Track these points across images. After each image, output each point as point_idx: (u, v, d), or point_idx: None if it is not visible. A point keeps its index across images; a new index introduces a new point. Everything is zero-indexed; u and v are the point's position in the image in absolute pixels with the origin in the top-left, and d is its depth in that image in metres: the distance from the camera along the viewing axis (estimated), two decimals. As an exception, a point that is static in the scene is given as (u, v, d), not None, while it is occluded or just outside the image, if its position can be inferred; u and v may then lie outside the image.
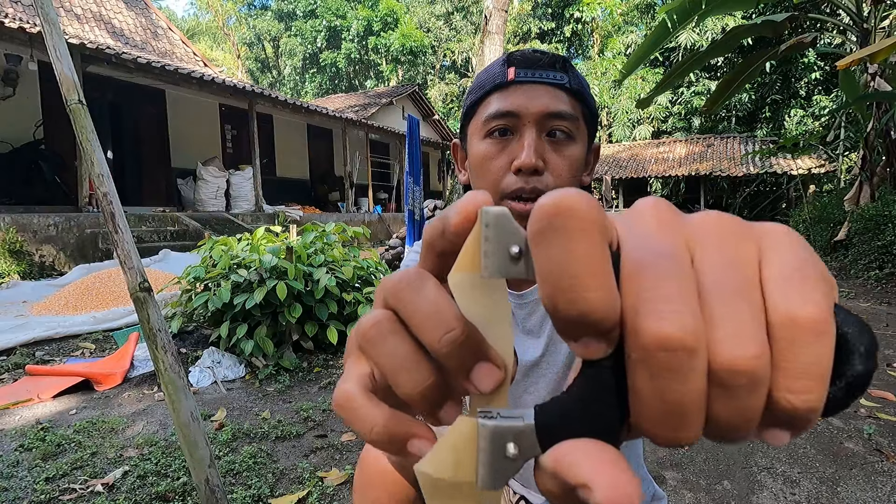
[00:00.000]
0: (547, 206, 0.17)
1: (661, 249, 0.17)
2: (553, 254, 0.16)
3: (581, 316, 0.16)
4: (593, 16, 22.91)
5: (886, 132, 6.13)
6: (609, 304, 0.16)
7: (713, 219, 0.18)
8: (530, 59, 0.68)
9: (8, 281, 5.30)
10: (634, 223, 0.18)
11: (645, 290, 0.16)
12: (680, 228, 0.18)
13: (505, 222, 0.19)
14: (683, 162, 16.39)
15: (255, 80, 30.93)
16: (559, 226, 0.16)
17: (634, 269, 0.16)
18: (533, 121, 0.66)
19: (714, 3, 5.94)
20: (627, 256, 0.17)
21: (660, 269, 0.16)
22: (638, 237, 0.17)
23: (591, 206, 0.17)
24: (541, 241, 0.17)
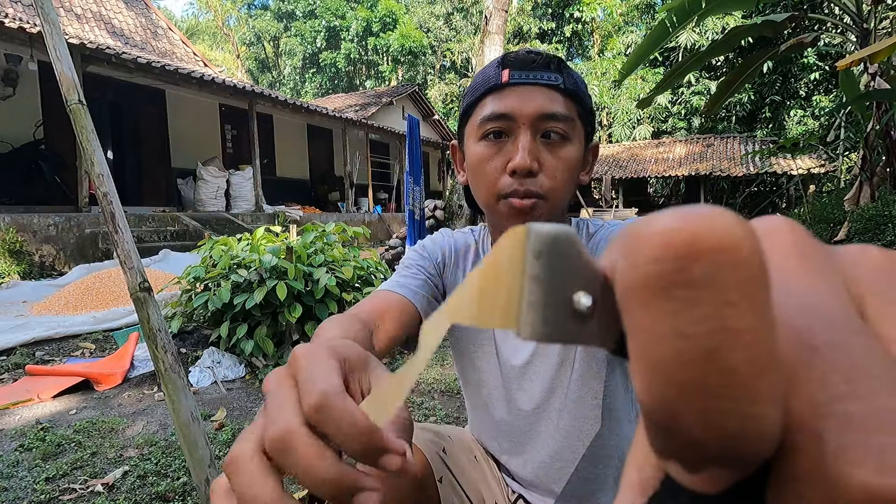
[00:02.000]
0: (678, 235, 0.10)
1: (831, 312, 0.10)
2: (685, 331, 0.10)
3: (725, 443, 0.10)
4: (593, 16, 22.91)
5: (886, 132, 6.13)
6: (778, 423, 0.10)
7: (880, 260, 0.12)
8: (524, 60, 0.68)
9: (8, 281, 5.30)
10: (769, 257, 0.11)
11: (835, 401, 0.09)
12: (838, 272, 0.12)
13: (569, 252, 0.13)
14: (683, 162, 16.39)
15: (255, 80, 30.93)
16: (703, 279, 0.10)
17: (800, 349, 0.10)
18: (527, 122, 0.67)
19: (714, 2, 5.94)
20: (780, 319, 0.10)
21: (849, 355, 0.10)
22: (781, 284, 0.11)
23: (752, 234, 0.10)
24: (657, 302, 0.10)
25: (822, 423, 0.09)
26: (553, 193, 0.68)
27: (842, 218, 6.88)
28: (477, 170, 0.71)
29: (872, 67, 5.69)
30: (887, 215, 5.60)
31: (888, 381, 0.10)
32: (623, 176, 16.44)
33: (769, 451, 0.10)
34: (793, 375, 0.10)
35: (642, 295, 0.10)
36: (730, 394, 0.09)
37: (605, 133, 23.25)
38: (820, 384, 0.10)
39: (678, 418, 0.10)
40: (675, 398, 0.10)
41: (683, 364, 0.10)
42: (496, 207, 0.70)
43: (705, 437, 0.10)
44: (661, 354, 0.10)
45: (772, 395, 0.10)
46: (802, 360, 0.10)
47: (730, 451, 0.10)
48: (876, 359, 0.10)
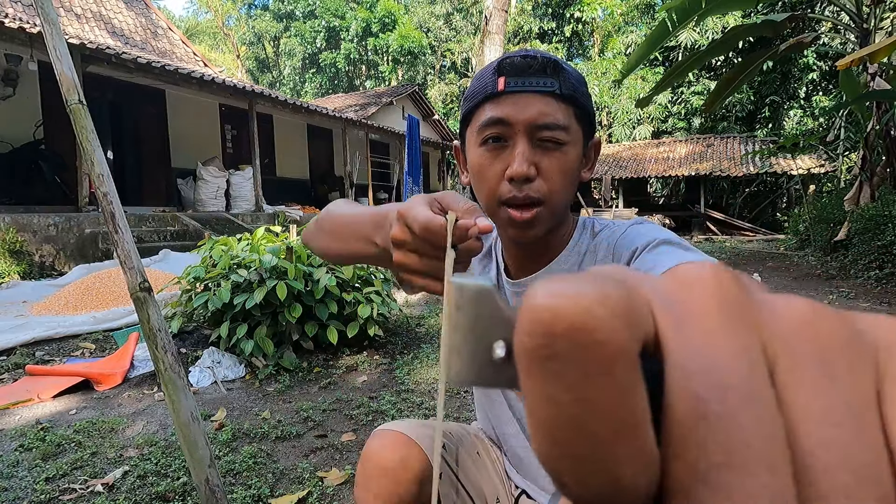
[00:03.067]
0: (543, 314, 0.11)
1: (733, 378, 0.11)
2: (555, 400, 0.11)
3: (598, 498, 0.11)
4: (593, 16, 22.91)
5: (886, 132, 6.13)
6: (644, 481, 0.11)
7: (802, 314, 0.12)
8: (520, 66, 0.68)
9: (8, 281, 5.30)
10: (685, 312, 0.12)
11: (710, 470, 0.10)
12: (755, 325, 0.12)
13: (487, 304, 0.14)
14: (683, 162, 16.39)
15: (255, 80, 30.92)
16: (565, 354, 0.11)
17: (691, 417, 0.11)
18: (523, 130, 0.68)
19: (714, 2, 5.94)
20: (679, 386, 0.11)
21: (734, 425, 0.10)
22: (692, 344, 0.11)
23: (613, 315, 0.11)
24: (533, 373, 0.11)
25: (697, 490, 0.10)
26: (552, 197, 0.69)
27: (842, 218, 6.88)
28: (477, 175, 0.72)
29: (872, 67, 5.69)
30: (887, 215, 5.60)
31: (766, 455, 0.10)
32: (623, 176, 16.44)
33: (646, 498, 0.11)
34: (681, 441, 0.11)
35: (522, 362, 0.11)
36: (593, 456, 0.11)
37: (605, 133, 23.24)
38: (702, 453, 0.10)
39: (559, 473, 0.11)
40: (554, 457, 0.11)
41: (556, 427, 0.11)
42: (497, 213, 0.71)
43: (580, 492, 0.11)
44: (540, 416, 0.11)
45: (632, 458, 0.10)
46: (691, 427, 0.11)
47: (606, 501, 0.11)
48: (762, 432, 0.10)
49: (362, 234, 0.57)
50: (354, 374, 2.86)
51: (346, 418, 2.27)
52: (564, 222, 0.76)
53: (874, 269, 5.63)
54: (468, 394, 2.54)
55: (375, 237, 0.53)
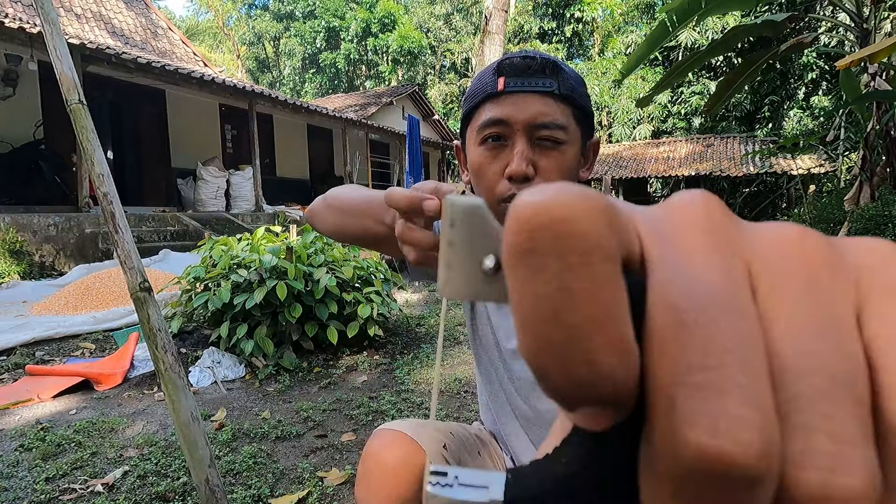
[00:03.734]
0: (526, 210, 0.11)
1: (714, 291, 0.11)
2: (537, 291, 0.11)
3: (580, 387, 0.11)
4: (594, 16, 22.91)
5: (886, 132, 6.13)
6: (624, 371, 0.11)
7: (786, 235, 0.13)
8: (519, 67, 0.69)
9: (8, 281, 5.30)
10: (672, 232, 0.12)
11: (688, 372, 0.11)
12: (739, 247, 0.12)
13: (478, 220, 0.14)
14: (683, 162, 16.39)
15: (255, 80, 30.91)
16: (546, 247, 0.11)
17: (671, 324, 0.11)
18: (522, 129, 0.69)
19: (714, 3, 5.94)
20: (659, 296, 0.11)
21: (713, 331, 0.11)
22: (676, 260, 0.12)
23: (593, 210, 0.11)
24: (518, 267, 0.12)
25: (675, 390, 0.11)
26: None
27: (842, 218, 6.88)
28: (477, 174, 0.73)
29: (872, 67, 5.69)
30: (887, 215, 5.60)
31: (740, 356, 0.10)
32: (623, 176, 16.44)
33: (626, 393, 0.11)
34: (661, 345, 0.11)
35: (508, 261, 0.12)
36: (572, 345, 0.11)
37: (605, 133, 23.25)
38: (680, 355, 0.11)
39: (543, 367, 0.11)
40: (538, 351, 0.11)
41: (539, 321, 0.11)
42: (497, 211, 0.72)
43: (564, 383, 0.11)
44: (524, 312, 0.11)
45: (610, 347, 0.11)
46: (671, 333, 0.11)
47: (586, 394, 0.11)
48: (739, 337, 0.11)
49: (374, 213, 0.61)
50: (354, 374, 2.86)
51: (346, 418, 2.27)
52: None
53: (874, 269, 5.63)
54: (468, 394, 2.54)
55: (386, 217, 0.59)
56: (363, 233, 0.64)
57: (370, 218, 0.62)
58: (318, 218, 0.75)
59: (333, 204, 0.71)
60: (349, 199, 0.69)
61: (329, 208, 0.72)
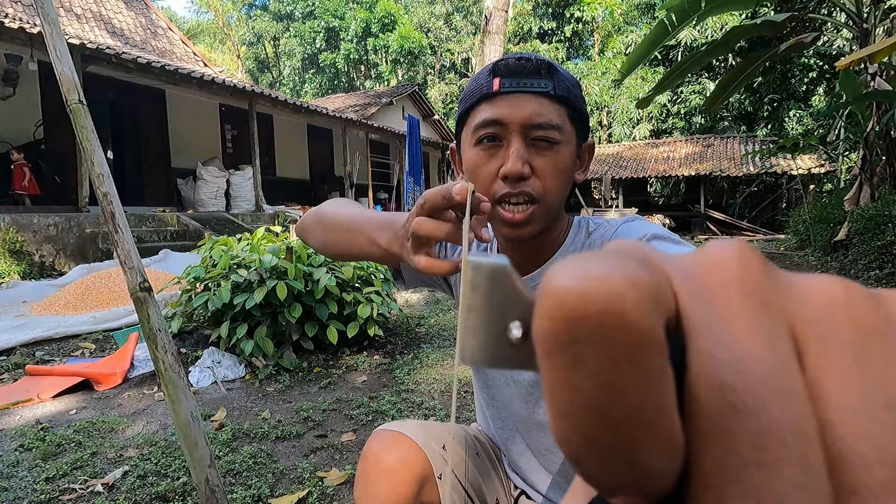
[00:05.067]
0: (566, 296, 0.10)
1: (762, 368, 0.10)
2: (579, 386, 0.10)
3: (622, 484, 0.11)
4: (594, 15, 22.91)
5: (886, 132, 6.13)
6: (669, 468, 0.10)
7: (831, 294, 0.11)
8: (514, 68, 0.70)
9: (8, 281, 5.30)
10: (709, 291, 0.11)
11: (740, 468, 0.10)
12: (782, 309, 0.11)
13: (503, 284, 0.13)
14: (683, 162, 16.39)
15: (255, 80, 30.91)
16: (590, 339, 0.10)
17: (718, 408, 0.10)
18: (518, 129, 0.69)
19: (714, 3, 5.94)
20: (703, 372, 0.10)
21: (765, 418, 0.10)
22: (718, 327, 0.11)
23: (642, 299, 0.10)
24: (555, 357, 0.11)
25: (725, 487, 0.10)
26: (546, 196, 0.70)
27: (842, 218, 6.87)
28: (472, 174, 0.73)
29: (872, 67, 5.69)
30: (887, 215, 5.60)
31: (800, 453, 0.10)
32: (623, 176, 16.44)
33: (667, 489, 0.11)
34: (709, 433, 0.10)
35: (543, 347, 0.11)
36: (617, 443, 0.10)
37: (605, 133, 23.25)
38: (732, 448, 0.10)
39: (579, 458, 0.11)
40: (575, 443, 0.11)
41: (578, 413, 0.10)
42: (492, 212, 0.72)
43: (604, 477, 0.11)
44: (561, 402, 0.11)
45: (658, 446, 0.10)
46: (720, 420, 0.10)
47: (626, 489, 0.11)
48: (795, 427, 0.10)
49: (367, 233, 0.61)
50: (354, 374, 2.86)
51: (346, 418, 2.27)
52: (559, 222, 0.77)
53: (874, 269, 5.63)
54: (469, 394, 2.54)
55: (380, 239, 0.58)
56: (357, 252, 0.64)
57: (363, 237, 0.61)
58: (308, 233, 0.74)
59: (324, 220, 0.69)
60: (341, 216, 0.67)
61: (320, 224, 0.70)
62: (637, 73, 18.93)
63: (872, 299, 0.12)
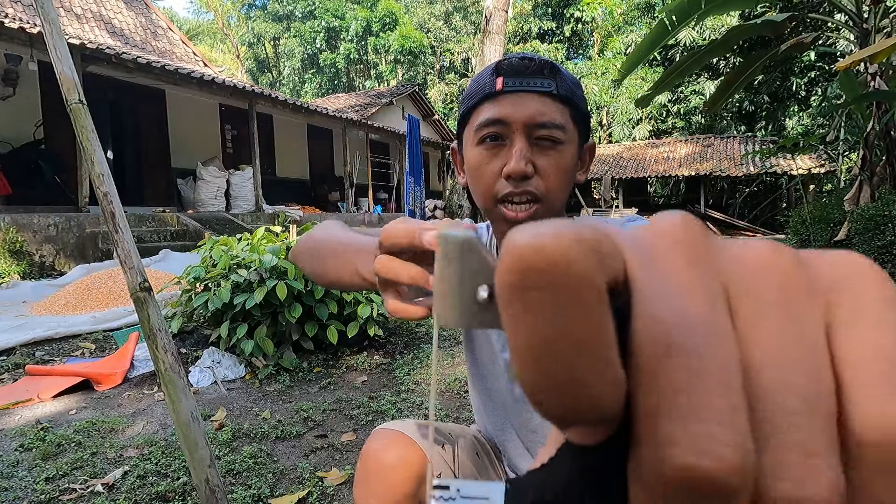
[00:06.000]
0: (522, 250, 0.12)
1: (695, 316, 0.12)
2: (532, 326, 0.12)
3: (571, 412, 0.12)
4: (593, 15, 22.91)
5: (886, 132, 6.13)
6: (613, 398, 0.12)
7: (760, 256, 0.13)
8: (517, 67, 0.70)
9: (8, 281, 5.30)
10: (654, 254, 0.13)
11: (672, 395, 0.11)
12: (718, 268, 0.13)
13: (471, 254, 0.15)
14: (683, 162, 16.40)
15: (255, 80, 30.92)
16: (540, 285, 0.12)
17: (655, 350, 0.12)
18: (521, 128, 0.68)
19: (714, 3, 5.94)
20: (643, 322, 0.12)
21: (694, 357, 0.12)
22: (659, 284, 0.13)
23: (586, 251, 0.12)
24: (513, 303, 0.12)
25: (659, 414, 0.11)
26: (549, 195, 0.70)
27: (842, 218, 6.87)
28: (475, 174, 0.73)
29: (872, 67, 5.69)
30: (887, 215, 5.60)
31: (720, 380, 0.11)
32: (623, 176, 16.45)
33: (614, 415, 0.12)
34: (648, 370, 0.12)
35: (503, 296, 0.12)
36: (565, 375, 0.12)
37: (604, 133, 23.25)
38: (666, 381, 0.12)
39: (537, 393, 0.12)
40: (532, 378, 0.12)
41: (533, 352, 0.12)
42: (494, 211, 0.72)
43: (557, 408, 0.12)
44: (519, 343, 0.12)
45: (600, 376, 0.12)
46: (658, 358, 0.12)
47: (578, 418, 0.12)
48: (720, 362, 0.12)
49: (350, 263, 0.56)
50: (354, 374, 2.86)
51: (346, 418, 2.27)
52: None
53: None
54: (468, 394, 2.54)
55: (363, 269, 0.52)
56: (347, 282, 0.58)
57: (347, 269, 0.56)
58: (300, 260, 0.71)
59: (314, 248, 0.65)
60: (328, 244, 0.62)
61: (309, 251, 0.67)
62: (637, 73, 18.93)
63: (798, 259, 0.13)
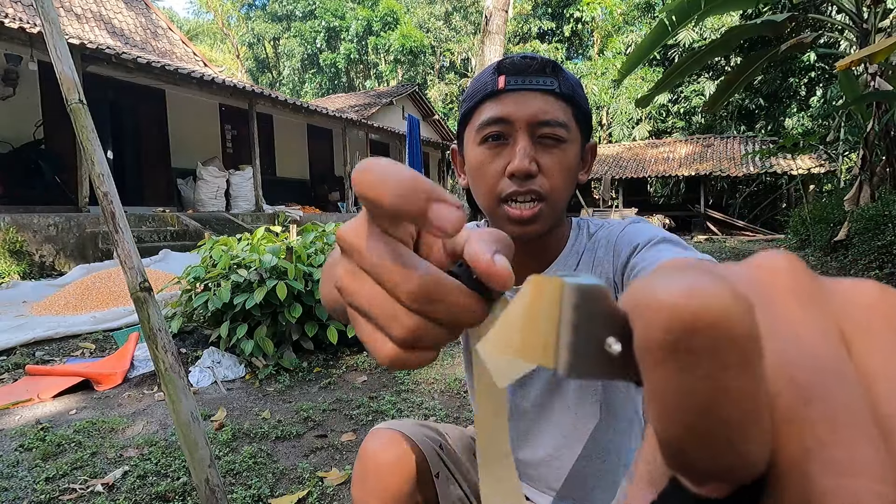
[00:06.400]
0: (676, 308, 0.12)
1: (824, 361, 0.12)
2: (690, 388, 0.12)
3: (723, 473, 0.12)
4: (593, 15, 22.91)
5: (886, 132, 6.13)
6: (764, 453, 0.12)
7: (871, 296, 0.13)
8: (520, 66, 0.69)
9: (8, 281, 5.30)
10: (766, 298, 0.13)
11: (821, 448, 0.11)
12: (830, 310, 0.13)
13: (600, 305, 0.15)
14: (683, 162, 16.39)
15: (255, 80, 30.92)
16: (703, 348, 0.12)
17: (794, 399, 0.12)
18: (524, 126, 0.68)
19: (713, 3, 5.94)
20: (778, 369, 0.12)
21: (834, 404, 0.11)
22: (781, 329, 0.12)
23: (747, 310, 0.12)
24: (666, 363, 0.12)
25: (809, 466, 0.11)
26: (553, 194, 0.69)
27: (842, 218, 6.87)
28: (477, 173, 0.72)
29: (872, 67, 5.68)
30: (887, 215, 5.60)
31: (866, 430, 0.11)
32: (623, 176, 16.44)
33: (758, 472, 0.12)
34: (788, 420, 0.12)
35: (655, 355, 0.12)
36: (724, 437, 0.12)
37: (604, 133, 23.25)
38: (810, 432, 0.11)
39: (684, 451, 0.12)
40: (682, 437, 0.12)
41: (687, 413, 0.12)
42: (497, 211, 0.71)
43: (705, 466, 0.12)
44: (670, 403, 0.12)
45: (758, 437, 0.12)
46: (797, 408, 0.12)
47: (725, 475, 0.12)
48: (857, 408, 0.11)
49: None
50: (354, 374, 2.86)
51: (346, 418, 2.27)
52: (562, 223, 0.76)
53: (874, 269, 5.63)
54: (467, 394, 2.54)
55: None
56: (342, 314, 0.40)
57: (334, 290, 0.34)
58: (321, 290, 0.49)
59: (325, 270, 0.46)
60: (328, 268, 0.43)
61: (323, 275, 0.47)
62: (637, 73, 18.93)
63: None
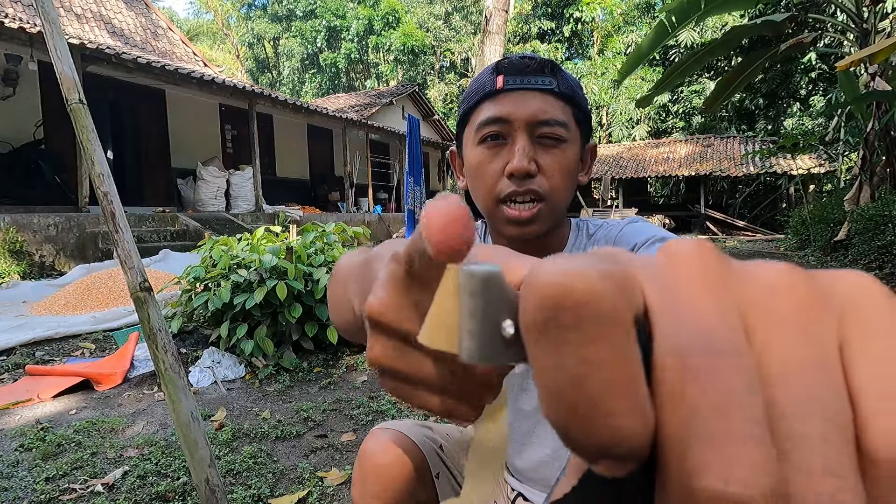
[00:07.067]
0: (548, 287, 0.12)
1: (714, 341, 0.12)
2: (560, 363, 0.12)
3: (602, 448, 0.12)
4: (593, 16, 22.91)
5: (886, 132, 6.13)
6: (642, 431, 0.12)
7: (775, 277, 0.14)
8: (518, 66, 0.69)
9: (8, 281, 5.30)
10: (671, 282, 0.13)
11: (699, 422, 0.12)
12: (734, 293, 0.13)
13: (496, 290, 0.15)
14: (683, 162, 16.40)
15: (255, 80, 30.92)
16: (569, 324, 0.12)
17: (679, 377, 0.12)
18: (523, 126, 0.68)
19: (713, 3, 5.94)
20: (665, 348, 0.12)
21: (718, 383, 0.12)
22: (678, 310, 0.13)
23: (612, 288, 0.12)
24: (541, 341, 0.13)
25: (688, 439, 0.11)
26: (553, 194, 0.69)
27: (842, 218, 6.87)
28: (476, 173, 0.72)
29: (872, 67, 5.68)
30: (887, 215, 5.60)
31: (746, 405, 0.11)
32: (623, 176, 16.44)
33: (643, 448, 0.12)
34: (672, 397, 0.12)
35: (531, 334, 0.13)
36: (596, 411, 0.12)
37: (604, 133, 23.25)
38: (692, 406, 0.12)
39: (566, 429, 0.12)
40: (562, 415, 0.12)
41: (562, 389, 0.12)
42: (495, 212, 0.71)
43: (587, 443, 0.12)
44: (548, 380, 0.12)
45: (630, 411, 0.12)
46: (680, 385, 0.12)
47: (607, 452, 0.12)
48: (742, 385, 0.12)
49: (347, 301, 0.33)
50: (354, 374, 2.86)
51: (346, 418, 2.27)
52: (562, 224, 0.76)
53: (874, 269, 5.63)
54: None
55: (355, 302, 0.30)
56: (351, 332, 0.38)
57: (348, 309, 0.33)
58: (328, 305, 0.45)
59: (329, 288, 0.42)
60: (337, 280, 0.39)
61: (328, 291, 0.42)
62: (637, 73, 18.93)
63: (810, 278, 0.14)
